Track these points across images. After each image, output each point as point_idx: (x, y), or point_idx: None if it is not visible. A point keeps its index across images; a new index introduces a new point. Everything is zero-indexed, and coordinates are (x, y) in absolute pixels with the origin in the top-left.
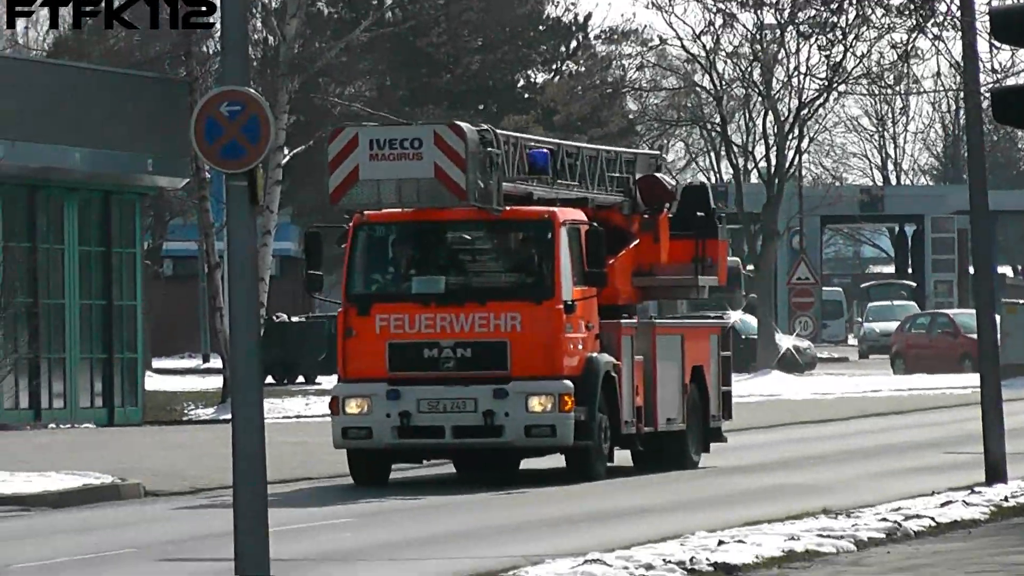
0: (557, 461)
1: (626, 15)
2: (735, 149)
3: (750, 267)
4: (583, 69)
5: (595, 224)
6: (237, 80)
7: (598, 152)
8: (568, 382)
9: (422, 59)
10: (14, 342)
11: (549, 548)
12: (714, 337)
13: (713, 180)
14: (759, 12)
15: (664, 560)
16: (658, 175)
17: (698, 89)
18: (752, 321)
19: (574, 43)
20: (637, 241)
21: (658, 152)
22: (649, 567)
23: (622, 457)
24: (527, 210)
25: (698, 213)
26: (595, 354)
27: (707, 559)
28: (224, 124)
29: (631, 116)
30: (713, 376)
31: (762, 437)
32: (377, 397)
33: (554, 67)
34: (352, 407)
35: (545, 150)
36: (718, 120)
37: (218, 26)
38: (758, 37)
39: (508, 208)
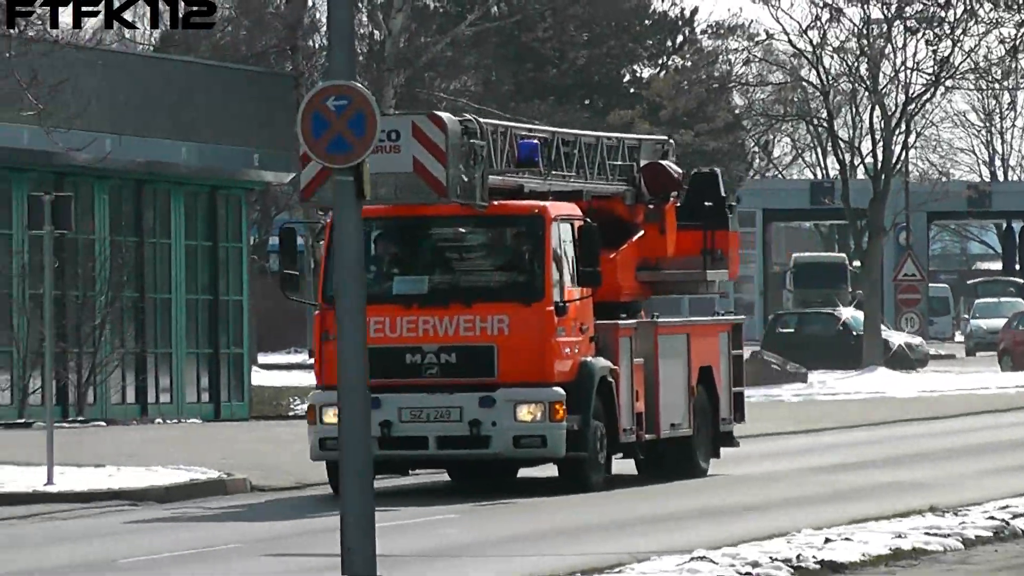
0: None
1: (732, 9)
2: (841, 144)
3: (856, 263)
4: (689, 64)
5: (589, 220)
6: (344, 74)
7: (598, 140)
8: (559, 389)
9: (528, 54)
10: (121, 337)
11: (653, 545)
12: (724, 335)
13: (819, 176)
14: (866, 6)
15: (771, 558)
16: (663, 162)
17: (804, 84)
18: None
19: (680, 38)
20: (642, 233)
21: (666, 137)
22: (755, 564)
23: (624, 466)
24: (516, 205)
25: (706, 203)
26: (590, 358)
27: (813, 557)
28: (330, 119)
29: (737, 111)
30: (723, 377)
31: (864, 435)
32: None
33: (660, 62)
34: (330, 416)
35: (534, 140)
36: (824, 115)
37: (325, 20)
38: (865, 32)
39: (496, 203)
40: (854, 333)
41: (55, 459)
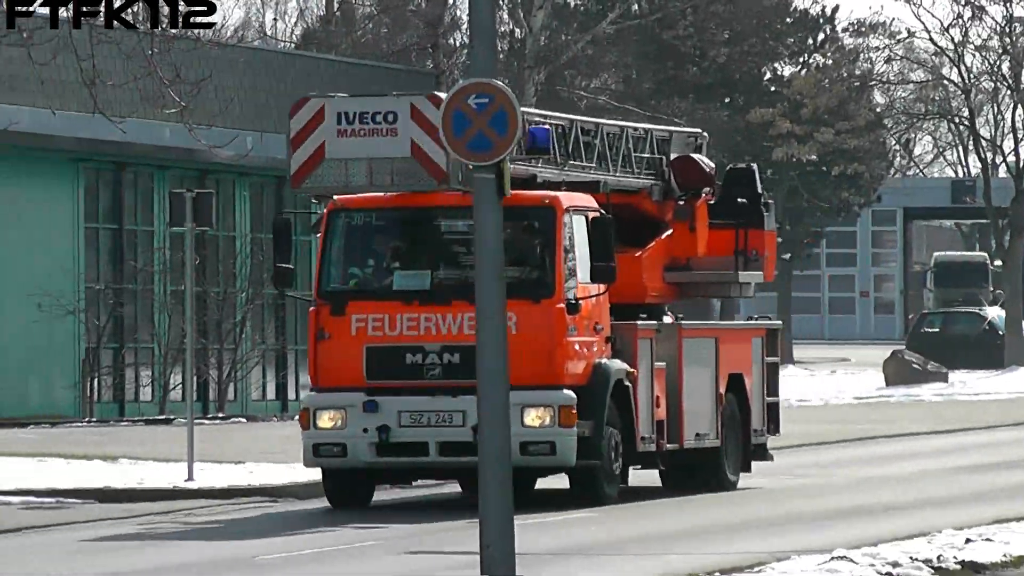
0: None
1: (874, 7)
2: (983, 143)
3: (998, 262)
4: (830, 62)
5: (603, 212)
6: (485, 72)
7: (622, 129)
8: (570, 392)
9: (668, 52)
10: (261, 333)
11: (790, 545)
12: (757, 340)
13: (961, 174)
14: (1009, 5)
15: (911, 558)
16: (695, 156)
17: (946, 82)
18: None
19: (821, 35)
20: (670, 231)
21: (699, 130)
22: (895, 564)
23: (643, 476)
24: (525, 195)
25: (740, 200)
26: (605, 360)
27: (954, 557)
28: (472, 116)
29: (878, 109)
30: (755, 385)
31: (1006, 435)
32: (353, 409)
33: (801, 60)
34: (324, 420)
35: (547, 126)
36: (966, 114)
37: (465, 17)
38: (1008, 30)
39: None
40: (999, 333)
41: (195, 455)
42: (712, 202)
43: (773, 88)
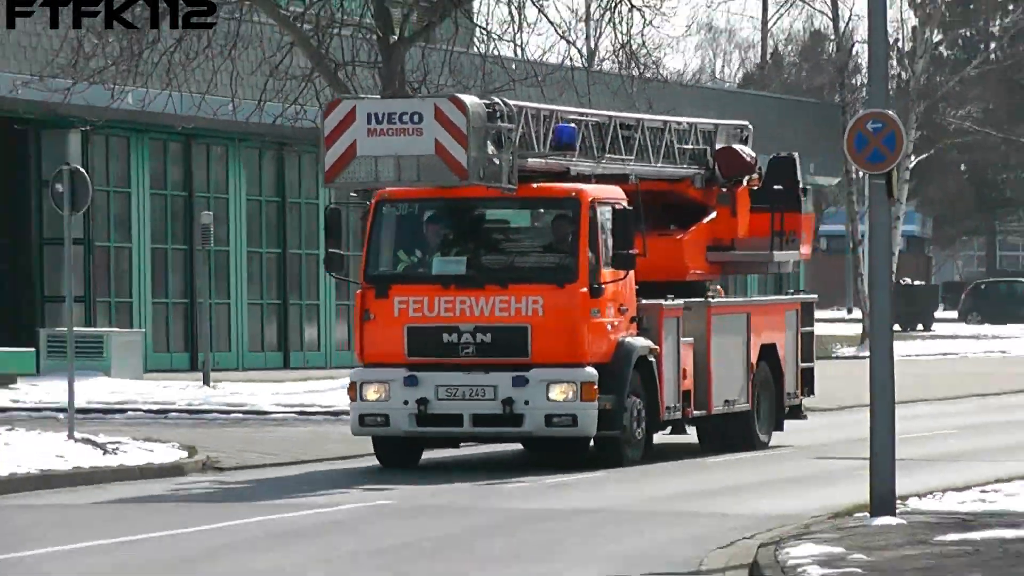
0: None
1: None
2: None
3: None
4: None
5: (627, 203)
6: (880, 105)
7: (666, 124)
8: (592, 370)
9: (1019, 88)
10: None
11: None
12: (790, 313)
13: None
14: None
15: None
16: (737, 147)
17: None
18: None
19: None
20: (714, 215)
21: (745, 123)
22: None
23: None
24: (552, 187)
25: (776, 186)
26: (628, 338)
27: None
28: (869, 137)
29: None
30: (789, 353)
31: None
32: (395, 383)
33: None
34: (370, 393)
35: (572, 125)
36: None
37: (865, 64)
38: None
39: (534, 186)
40: None
41: None
42: (756, 188)
43: None
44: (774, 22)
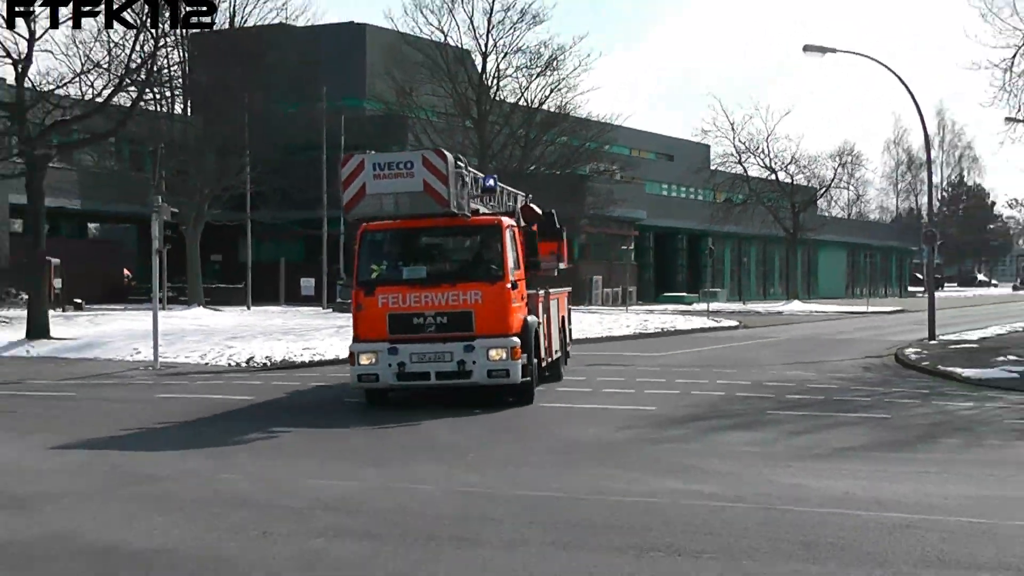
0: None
1: None
2: None
3: None
4: None
5: (530, 227)
6: None
7: (504, 190)
8: (516, 338)
9: None
10: None
11: None
12: (565, 298)
13: None
14: None
15: None
16: (531, 204)
17: None
18: None
19: None
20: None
21: (526, 193)
22: None
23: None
24: (484, 218)
25: (551, 227)
26: (529, 317)
27: None
28: None
29: None
30: (567, 323)
31: None
32: (382, 353)
33: None
34: (364, 360)
35: (493, 176)
36: None
37: None
38: None
39: (470, 216)
40: None
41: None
42: (538, 229)
43: None
44: None
